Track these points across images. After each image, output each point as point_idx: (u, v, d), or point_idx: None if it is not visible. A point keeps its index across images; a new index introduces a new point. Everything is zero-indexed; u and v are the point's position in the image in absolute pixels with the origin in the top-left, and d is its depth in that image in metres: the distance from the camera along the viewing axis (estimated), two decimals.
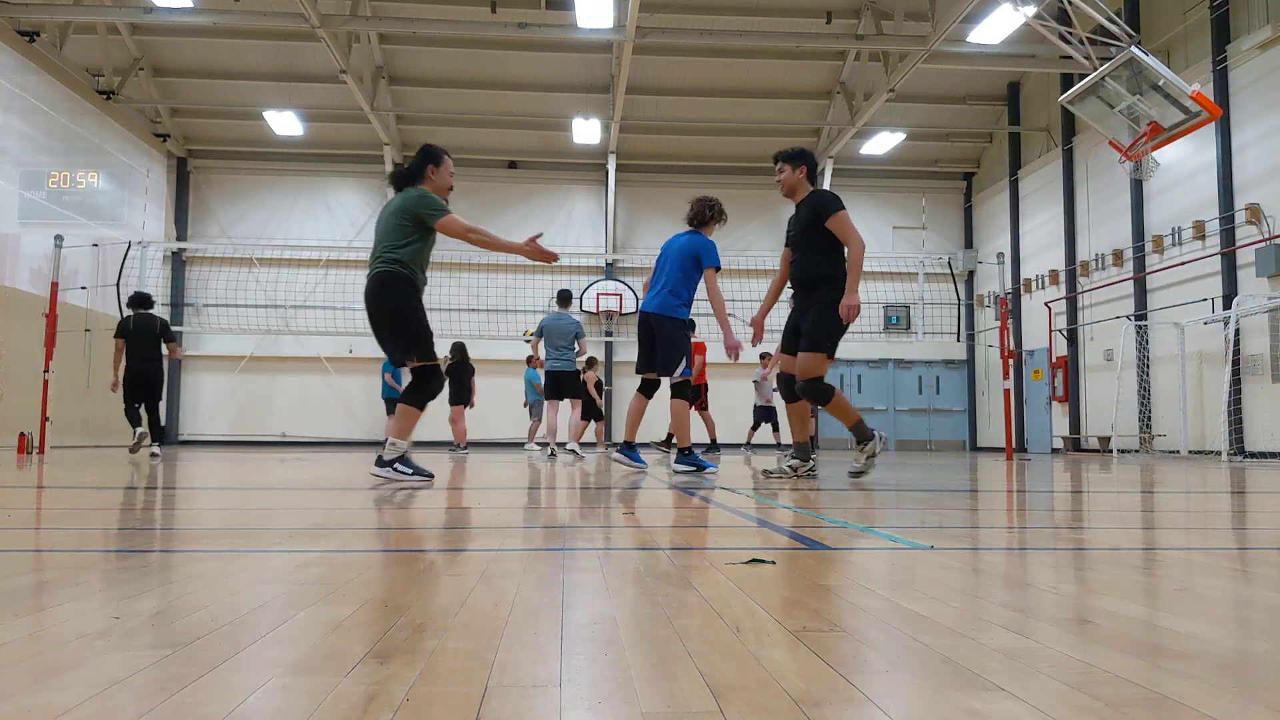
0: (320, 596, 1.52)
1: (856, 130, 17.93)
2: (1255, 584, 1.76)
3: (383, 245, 5.10)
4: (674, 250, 6.64)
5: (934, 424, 20.71)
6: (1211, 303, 13.46)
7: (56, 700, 0.92)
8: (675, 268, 6.55)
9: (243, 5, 15.28)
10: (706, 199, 6.80)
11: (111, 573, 1.77)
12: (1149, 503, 4.24)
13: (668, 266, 6.59)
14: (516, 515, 3.22)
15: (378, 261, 5.09)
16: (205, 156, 19.93)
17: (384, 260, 5.06)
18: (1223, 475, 7.18)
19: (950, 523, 3.05)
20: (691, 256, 6.54)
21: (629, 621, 1.34)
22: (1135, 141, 10.18)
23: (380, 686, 0.99)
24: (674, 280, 6.56)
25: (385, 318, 5.07)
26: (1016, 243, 19.09)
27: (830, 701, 0.94)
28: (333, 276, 19.65)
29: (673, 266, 6.56)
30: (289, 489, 4.66)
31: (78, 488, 4.54)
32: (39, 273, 14.35)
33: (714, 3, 16.44)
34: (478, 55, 17.96)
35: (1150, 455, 14.08)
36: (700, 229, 6.74)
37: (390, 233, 5.11)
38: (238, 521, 3.00)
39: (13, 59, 14.16)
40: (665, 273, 6.60)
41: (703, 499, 4.01)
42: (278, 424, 19.38)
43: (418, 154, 5.53)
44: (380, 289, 5.05)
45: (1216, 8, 13.35)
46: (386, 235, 5.12)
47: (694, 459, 6.45)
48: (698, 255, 6.54)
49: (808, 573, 1.83)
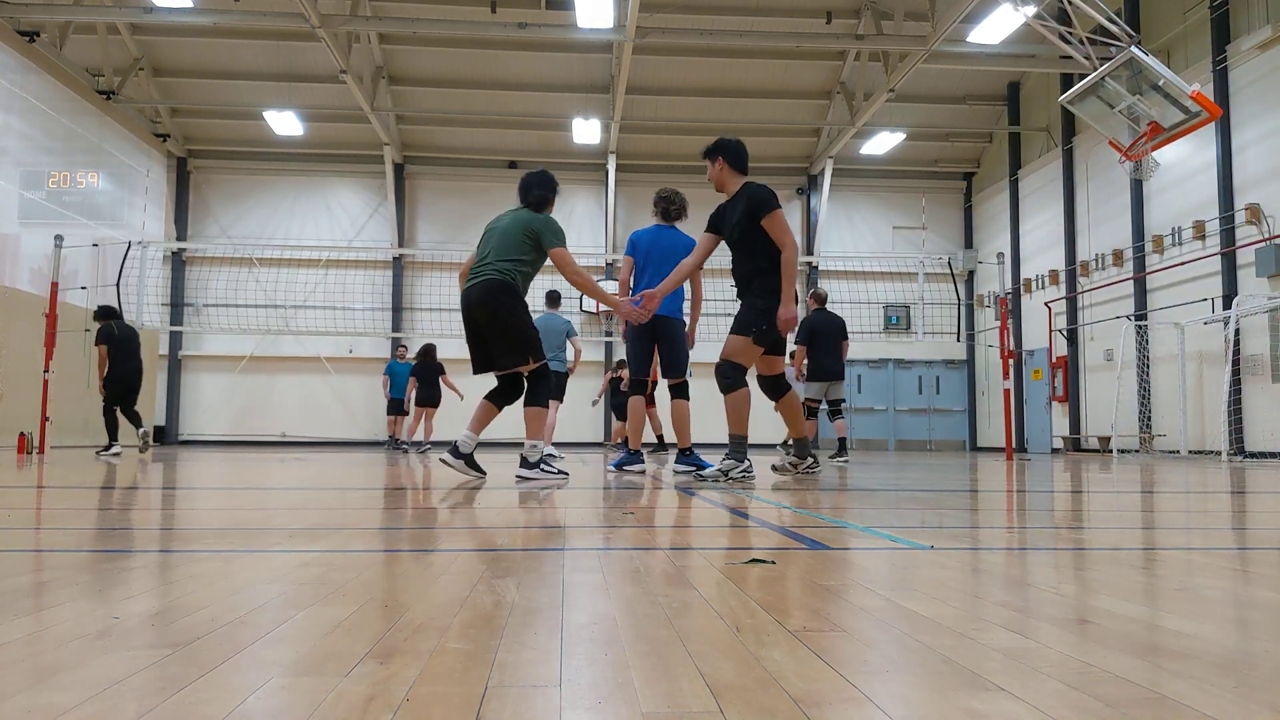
0: (320, 596, 1.52)
1: (856, 130, 17.93)
2: (1255, 584, 1.76)
3: (498, 255, 5.23)
4: (664, 248, 6.38)
5: (934, 424, 20.70)
6: (1211, 303, 13.46)
7: (56, 700, 0.92)
8: (668, 266, 6.26)
9: (243, 5, 15.29)
10: (676, 191, 6.58)
11: (112, 573, 1.77)
12: (1149, 503, 4.24)
13: (663, 265, 6.30)
14: (516, 515, 3.22)
15: (490, 269, 5.20)
16: (205, 156, 19.94)
17: (499, 270, 5.17)
18: (1223, 475, 7.18)
19: (950, 523, 3.05)
20: (683, 253, 6.27)
21: (629, 621, 1.34)
22: (1135, 141, 10.18)
23: (380, 686, 0.99)
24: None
25: (498, 322, 5.15)
26: (1016, 243, 19.10)
27: (830, 701, 0.94)
28: (333, 276, 19.66)
29: (665, 265, 6.27)
30: (289, 489, 4.66)
31: (78, 488, 4.54)
32: (39, 273, 14.35)
33: (714, 3, 16.44)
34: (478, 55, 17.96)
35: (1150, 455, 14.07)
36: (674, 223, 6.55)
37: (511, 246, 5.24)
38: (238, 521, 3.00)
39: (13, 59, 14.16)
40: (665, 271, 6.34)
41: (702, 499, 4.00)
42: (278, 424, 19.38)
43: (547, 182, 5.54)
44: (495, 294, 5.14)
45: (1216, 8, 13.35)
46: (506, 248, 5.25)
47: (696, 459, 6.41)
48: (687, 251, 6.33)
49: (808, 573, 1.83)
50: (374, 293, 19.75)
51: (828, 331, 9.87)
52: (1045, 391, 18.24)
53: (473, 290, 5.19)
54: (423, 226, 20.26)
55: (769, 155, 20.37)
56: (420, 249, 19.83)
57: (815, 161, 20.24)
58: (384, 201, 19.93)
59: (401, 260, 19.76)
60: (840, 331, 9.93)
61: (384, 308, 19.70)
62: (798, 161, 20.63)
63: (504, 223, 5.37)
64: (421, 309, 19.68)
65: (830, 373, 9.84)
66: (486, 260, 5.23)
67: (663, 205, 6.55)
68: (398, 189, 19.77)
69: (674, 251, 6.34)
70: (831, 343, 9.83)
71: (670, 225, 6.55)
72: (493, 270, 5.17)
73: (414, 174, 20.24)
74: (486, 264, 5.22)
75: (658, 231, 6.51)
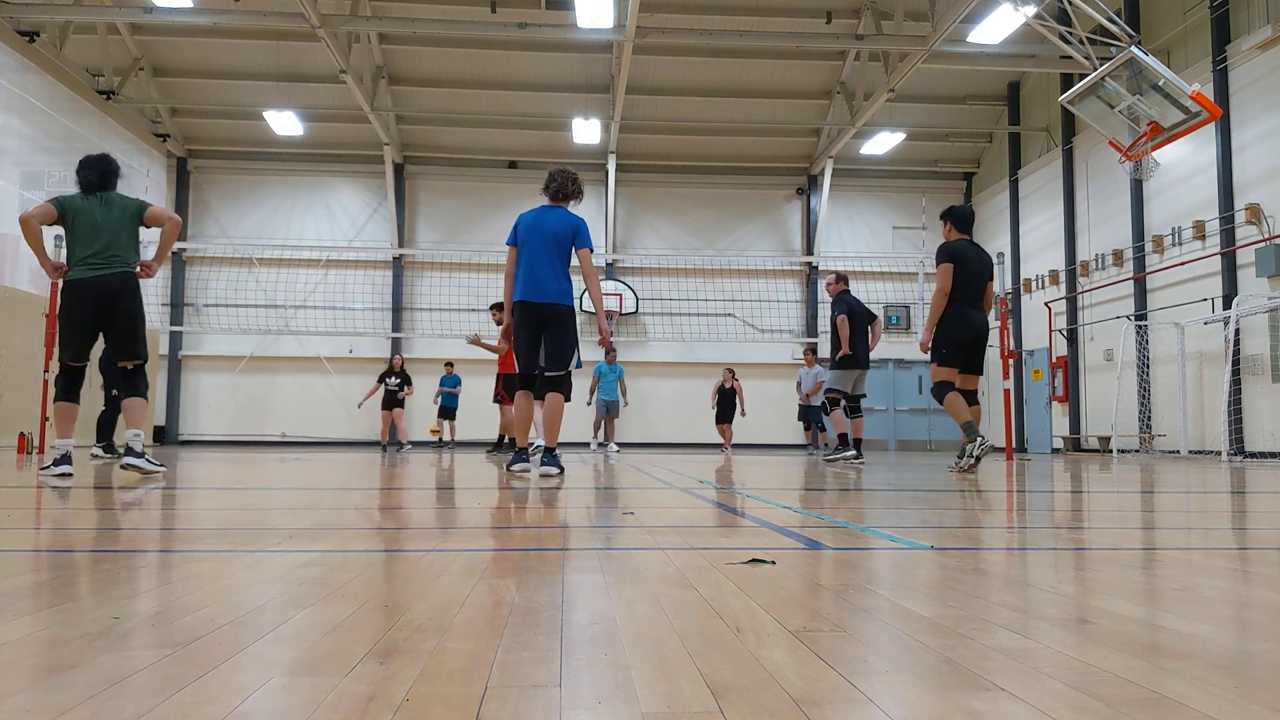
0: (320, 596, 1.52)
1: (856, 130, 17.93)
2: (1255, 584, 1.76)
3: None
4: (549, 229, 5.91)
5: (934, 424, 20.70)
6: (1211, 303, 13.46)
7: (56, 700, 0.92)
8: (555, 250, 5.88)
9: (243, 5, 15.28)
10: (568, 170, 6.17)
11: (111, 573, 1.77)
12: (1149, 503, 4.25)
13: (551, 248, 5.88)
14: (516, 515, 3.22)
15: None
16: (205, 156, 19.94)
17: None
18: (1223, 475, 7.18)
19: (950, 523, 3.05)
20: (569, 236, 5.91)
21: (629, 621, 1.34)
22: (1135, 141, 10.18)
23: (380, 686, 0.99)
24: (562, 264, 5.92)
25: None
26: (1016, 243, 19.10)
27: (830, 701, 0.94)
28: (332, 276, 19.66)
29: (554, 248, 5.88)
30: (289, 489, 4.66)
31: (77, 488, 4.54)
32: (39, 273, 14.35)
33: (714, 3, 16.44)
34: (478, 55, 17.97)
35: (1150, 455, 14.08)
36: (564, 204, 6.08)
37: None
38: (238, 521, 3.00)
39: (13, 59, 14.16)
40: (548, 255, 5.88)
41: (703, 499, 4.01)
42: (277, 424, 19.38)
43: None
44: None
45: (1216, 8, 13.35)
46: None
47: (557, 460, 5.81)
48: (575, 234, 5.93)
49: (808, 573, 1.83)
50: (374, 293, 19.75)
51: (863, 313, 9.53)
52: (1045, 391, 18.24)
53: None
54: (423, 226, 20.26)
55: (769, 155, 20.38)
56: (420, 249, 19.83)
57: (815, 161, 20.24)
58: (384, 201, 19.93)
59: (401, 260, 19.76)
60: (869, 317, 9.58)
61: (384, 308, 19.70)
62: (798, 161, 20.63)
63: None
64: (421, 309, 19.68)
65: (862, 361, 9.48)
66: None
67: (554, 186, 6.06)
68: (398, 189, 19.77)
69: (547, 231, 5.91)
70: (863, 328, 9.46)
71: (556, 206, 6.06)
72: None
73: (414, 174, 20.24)
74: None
75: (538, 213, 6.03)
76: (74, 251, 5.40)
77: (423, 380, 17.06)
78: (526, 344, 5.93)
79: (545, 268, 5.84)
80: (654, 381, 19.87)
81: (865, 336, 9.54)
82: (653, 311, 19.97)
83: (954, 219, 7.19)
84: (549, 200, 6.07)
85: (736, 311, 20.01)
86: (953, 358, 6.96)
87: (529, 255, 5.88)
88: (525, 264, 5.88)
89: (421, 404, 17.61)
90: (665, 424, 19.87)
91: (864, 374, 9.63)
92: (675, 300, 19.89)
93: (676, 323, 19.85)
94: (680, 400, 19.91)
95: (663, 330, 19.82)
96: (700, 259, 19.90)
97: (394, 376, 15.07)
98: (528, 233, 5.92)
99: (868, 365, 9.61)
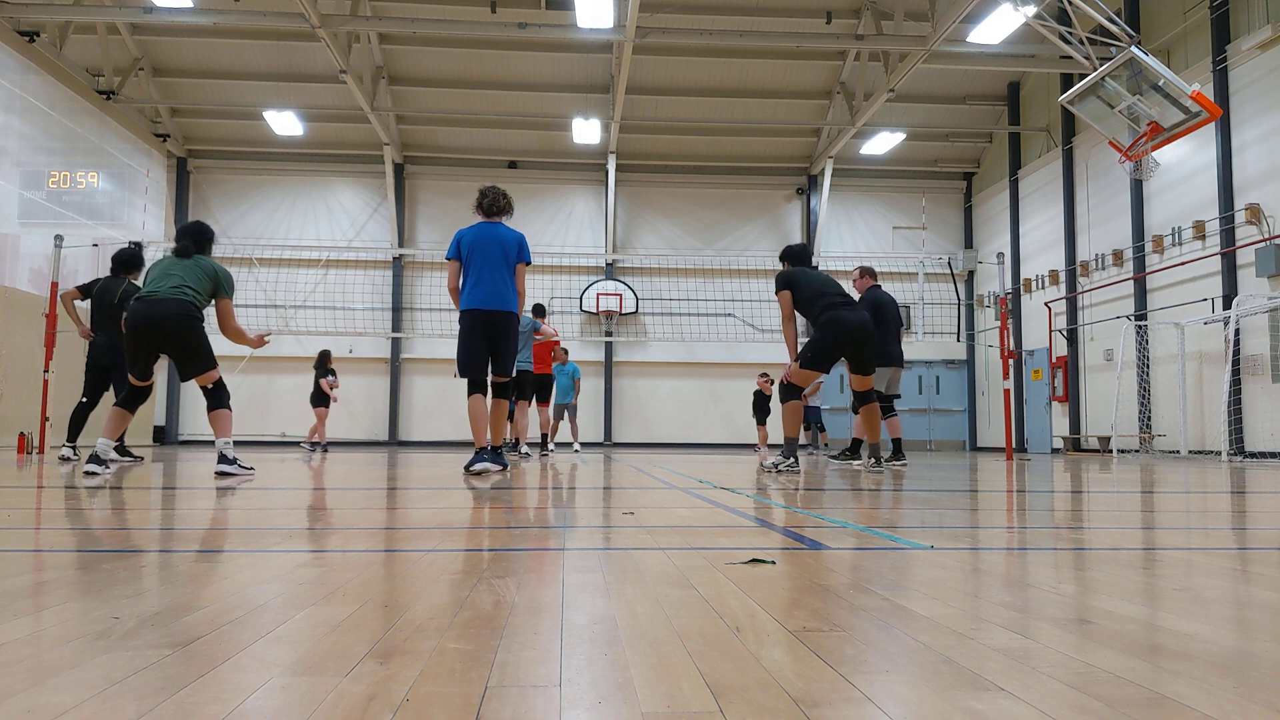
0: (320, 596, 1.52)
1: (856, 130, 17.93)
2: (1255, 584, 1.76)
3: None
4: (496, 242, 6.21)
5: (934, 424, 20.71)
6: (1211, 303, 13.46)
7: (56, 700, 0.92)
8: (501, 261, 6.17)
9: (243, 5, 15.28)
10: (497, 188, 6.50)
11: (111, 572, 1.77)
12: (1149, 503, 4.25)
13: (496, 258, 6.18)
14: (516, 516, 3.22)
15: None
16: (205, 156, 19.94)
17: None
18: (1223, 475, 7.18)
19: (950, 523, 3.05)
20: (514, 249, 6.23)
21: (629, 621, 1.34)
22: (1135, 141, 10.18)
23: (380, 686, 0.99)
24: (509, 274, 6.22)
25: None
26: (1016, 243, 19.10)
27: (830, 701, 0.94)
28: (332, 276, 19.66)
29: (498, 259, 6.17)
30: (288, 489, 4.66)
31: (77, 488, 4.54)
32: (39, 273, 14.36)
33: (714, 3, 16.44)
34: (478, 55, 17.96)
35: (1150, 455, 14.07)
36: (499, 218, 6.38)
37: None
38: (237, 521, 3.00)
39: (13, 59, 14.15)
40: (499, 266, 6.18)
41: (702, 499, 4.00)
42: (277, 424, 19.38)
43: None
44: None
45: (1216, 8, 13.35)
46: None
47: (501, 458, 6.26)
48: (519, 248, 6.26)
49: (808, 573, 1.83)
50: (374, 293, 19.75)
51: (894, 310, 9.03)
52: (1045, 391, 18.24)
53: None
54: (422, 226, 20.26)
55: (769, 155, 20.38)
56: (420, 249, 19.83)
57: (815, 161, 20.24)
58: (384, 201, 19.93)
59: (401, 260, 19.76)
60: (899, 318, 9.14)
61: (384, 308, 19.70)
62: (798, 161, 20.63)
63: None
64: (421, 309, 19.68)
65: (896, 358, 9.01)
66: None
67: (485, 202, 6.38)
68: (398, 189, 19.77)
69: (496, 244, 6.21)
70: (895, 323, 9.04)
71: (492, 220, 6.35)
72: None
73: (414, 174, 20.24)
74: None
75: (480, 228, 6.31)
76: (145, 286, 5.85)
77: (425, 380, 17.03)
78: (477, 350, 6.22)
79: (496, 278, 6.17)
80: (653, 381, 19.87)
81: (898, 332, 9.10)
82: (652, 311, 19.97)
83: (789, 258, 7.55)
84: (483, 216, 6.39)
85: (736, 311, 20.01)
86: (814, 362, 7.12)
87: (479, 266, 6.18)
88: (475, 274, 6.19)
89: (423, 403, 17.52)
90: (665, 424, 19.87)
91: (899, 371, 9.14)
92: (675, 300, 19.89)
93: (676, 323, 19.85)
94: (680, 400, 19.91)
95: (662, 330, 19.82)
96: (700, 259, 19.90)
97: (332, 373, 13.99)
98: (474, 246, 6.21)
99: (902, 363, 9.14)
